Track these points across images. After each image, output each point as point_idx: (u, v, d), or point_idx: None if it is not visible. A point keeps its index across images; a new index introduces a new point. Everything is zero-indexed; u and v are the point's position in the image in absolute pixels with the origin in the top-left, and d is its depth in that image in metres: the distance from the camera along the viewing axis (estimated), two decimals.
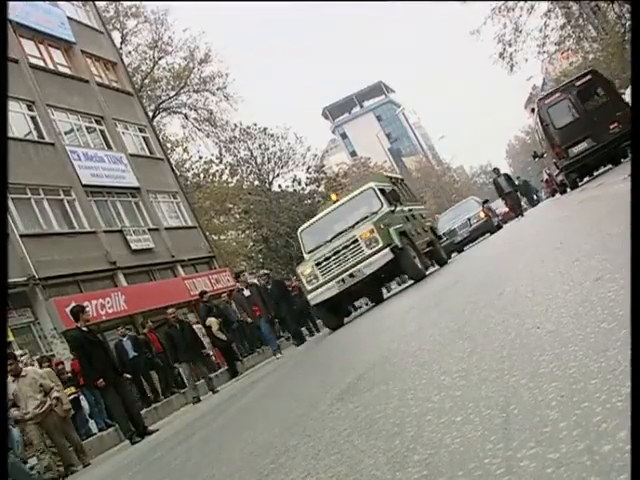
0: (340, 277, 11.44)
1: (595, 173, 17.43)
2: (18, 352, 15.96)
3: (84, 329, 10.02)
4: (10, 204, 19.04)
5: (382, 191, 12.96)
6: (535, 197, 32.93)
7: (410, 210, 14.06)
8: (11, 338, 16.62)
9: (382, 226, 11.48)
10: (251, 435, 3.31)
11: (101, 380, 9.81)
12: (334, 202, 13.78)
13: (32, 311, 18.75)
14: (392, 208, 12.40)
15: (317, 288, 11.65)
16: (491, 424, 1.41)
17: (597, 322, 1.80)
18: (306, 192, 43.68)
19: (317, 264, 11.72)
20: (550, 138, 15.94)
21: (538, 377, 1.56)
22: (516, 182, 25.71)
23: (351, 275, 11.37)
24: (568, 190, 16.76)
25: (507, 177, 23.68)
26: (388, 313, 7.97)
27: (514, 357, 1.90)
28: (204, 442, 4.22)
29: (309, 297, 11.99)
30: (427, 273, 13.06)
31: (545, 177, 32.75)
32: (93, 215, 22.95)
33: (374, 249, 11.31)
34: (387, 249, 11.24)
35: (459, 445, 1.37)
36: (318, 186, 44.53)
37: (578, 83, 15.84)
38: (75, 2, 28.80)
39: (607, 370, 1.37)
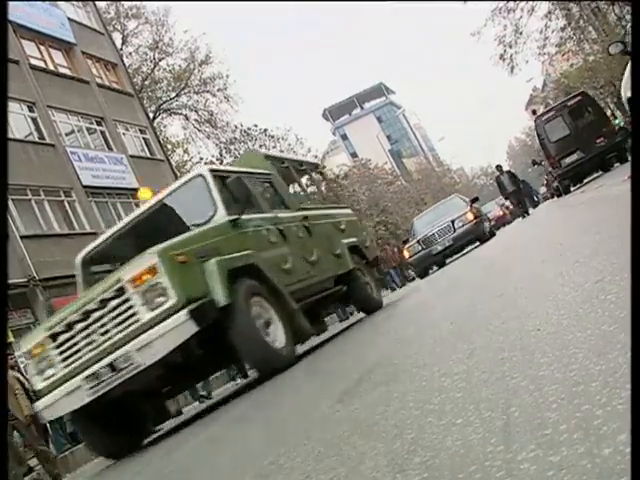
0: (92, 370, 5.45)
1: (585, 180, 19.41)
2: (17, 353, 15.96)
3: None
4: (11, 205, 19.05)
5: (222, 183, 6.78)
6: (535, 198, 32.93)
7: (304, 219, 8.08)
8: (11, 339, 16.62)
9: (184, 258, 5.50)
10: (250, 436, 3.31)
11: None
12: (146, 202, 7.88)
13: (32, 312, 18.76)
14: (234, 217, 6.49)
15: (53, 388, 5.66)
16: (492, 426, 1.41)
17: (598, 324, 1.80)
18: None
19: (52, 336, 5.69)
20: (546, 150, 18.55)
21: (539, 379, 1.56)
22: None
23: (112, 367, 5.37)
24: (562, 195, 19.06)
25: (511, 175, 22.33)
26: (387, 315, 7.97)
27: (514, 359, 1.90)
28: (202, 443, 4.22)
29: (36, 405, 6.01)
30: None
31: (545, 181, 33.97)
32: (94, 216, 22.97)
33: (158, 311, 5.28)
34: (184, 311, 5.21)
35: (459, 447, 1.37)
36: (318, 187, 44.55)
37: (570, 103, 18.45)
38: (76, 3, 28.82)
39: (608, 373, 1.37)
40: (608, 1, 28.70)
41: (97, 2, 31.68)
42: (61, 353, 5.68)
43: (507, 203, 30.46)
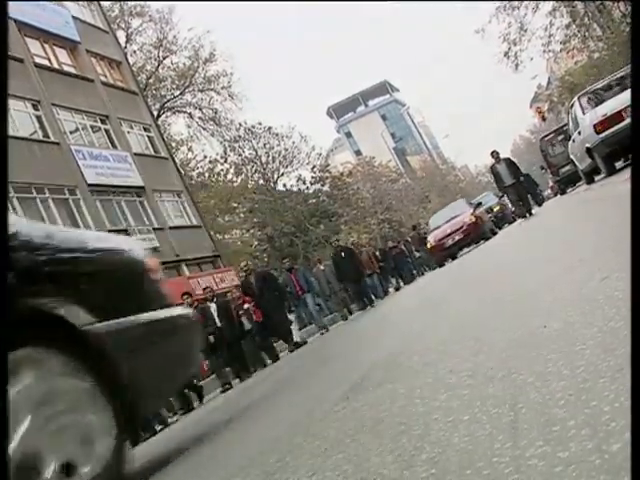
0: None
1: (578, 184, 22.89)
2: None
3: None
4: (15, 203, 19.09)
5: None
6: (540, 196, 32.57)
7: None
8: None
9: None
10: (256, 434, 3.31)
11: None
12: None
13: None
14: None
15: None
16: (499, 423, 1.40)
17: (604, 321, 1.80)
18: (311, 191, 43.74)
19: None
20: (548, 162, 23.74)
21: (546, 376, 1.56)
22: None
23: None
24: (562, 194, 23.49)
25: (509, 163, 18.19)
26: (392, 312, 7.97)
27: (521, 356, 1.90)
28: (207, 442, 4.22)
29: None
30: None
31: (550, 183, 36.13)
32: (98, 214, 23.00)
33: None
34: None
35: (467, 444, 1.37)
36: (323, 185, 44.61)
37: (565, 127, 21.46)
38: (80, 2, 28.84)
39: (615, 369, 1.36)
40: None
41: (101, 1, 31.70)
42: None
43: (485, 206, 26.56)
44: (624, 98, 11.59)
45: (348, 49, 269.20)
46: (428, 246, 21.42)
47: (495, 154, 18.21)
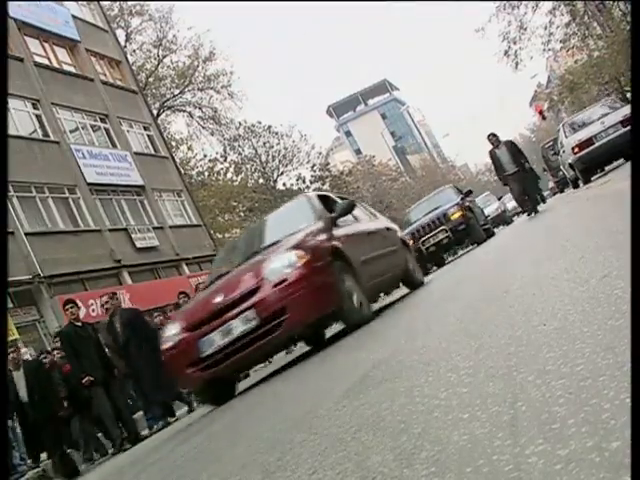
0: None
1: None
2: (23, 350, 16.00)
3: (78, 324, 9.74)
4: (15, 202, 19.10)
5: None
6: (543, 194, 32.57)
7: None
8: (16, 336, 16.68)
9: None
10: (256, 432, 3.31)
11: (87, 378, 9.37)
12: None
13: (37, 309, 18.81)
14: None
15: None
16: (499, 421, 1.40)
17: (605, 319, 1.80)
18: (311, 190, 43.75)
19: None
20: (548, 166, 27.50)
21: (545, 374, 1.55)
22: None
23: None
24: (558, 194, 26.69)
25: (511, 147, 15.23)
26: (393, 311, 7.96)
27: (521, 354, 1.90)
28: (207, 440, 4.22)
29: None
30: None
31: (551, 184, 36.52)
32: (98, 213, 23.01)
33: None
34: None
35: (467, 442, 1.37)
36: (323, 184, 44.63)
37: None
38: (80, 1, 28.84)
39: (615, 367, 1.36)
40: None
41: (101, 0, 31.68)
42: None
43: (436, 211, 18.11)
44: (594, 127, 15.07)
45: (348, 49, 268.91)
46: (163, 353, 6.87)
47: (493, 137, 15.32)
